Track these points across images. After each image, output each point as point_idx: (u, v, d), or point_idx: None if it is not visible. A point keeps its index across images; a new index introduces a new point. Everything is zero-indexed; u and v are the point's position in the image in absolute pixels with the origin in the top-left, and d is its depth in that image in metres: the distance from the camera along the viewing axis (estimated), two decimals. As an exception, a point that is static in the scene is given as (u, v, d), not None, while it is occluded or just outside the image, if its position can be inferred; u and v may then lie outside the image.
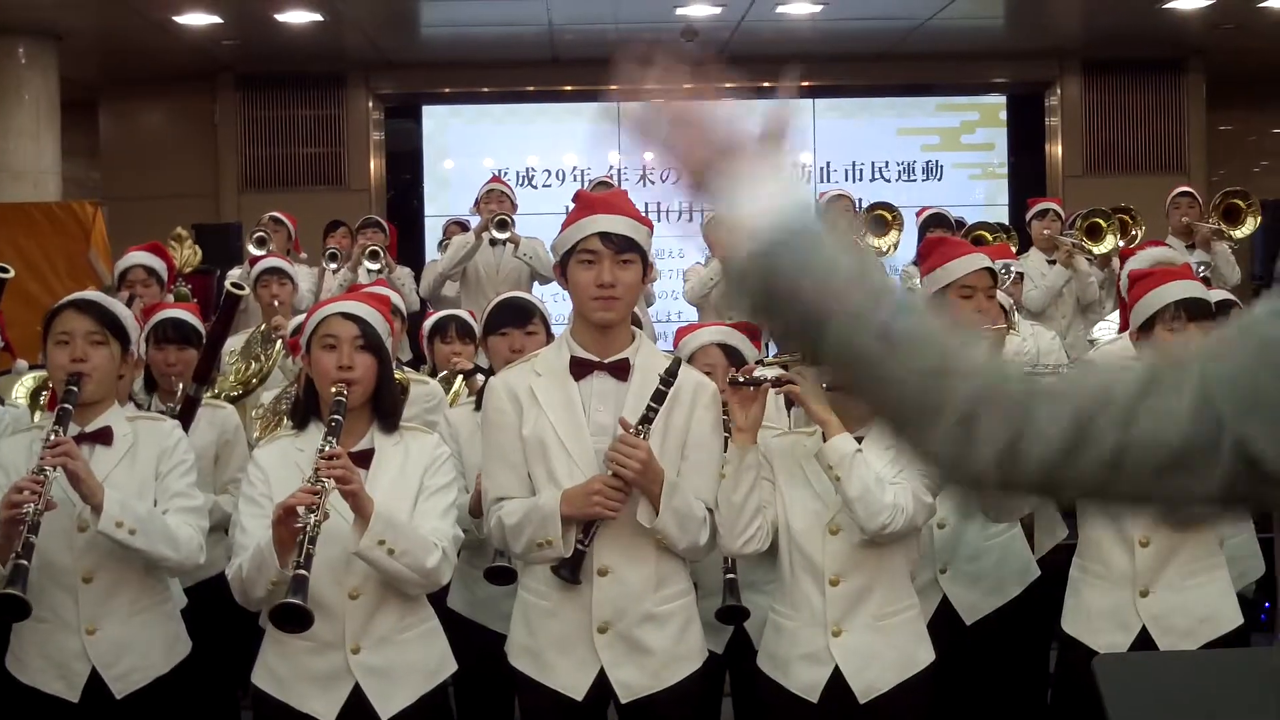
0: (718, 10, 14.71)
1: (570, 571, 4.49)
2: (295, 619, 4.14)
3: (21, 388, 6.46)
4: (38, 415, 6.06)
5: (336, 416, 4.46)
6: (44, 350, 4.98)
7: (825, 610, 4.65)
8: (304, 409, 4.74)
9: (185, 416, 5.66)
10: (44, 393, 6.31)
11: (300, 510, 4.20)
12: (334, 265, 11.97)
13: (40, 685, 4.72)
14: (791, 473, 4.74)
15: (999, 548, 5.63)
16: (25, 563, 4.33)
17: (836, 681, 4.63)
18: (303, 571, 4.14)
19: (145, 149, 17.58)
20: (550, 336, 5.90)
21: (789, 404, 5.03)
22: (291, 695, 4.55)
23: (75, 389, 4.69)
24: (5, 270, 6.75)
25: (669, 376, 4.48)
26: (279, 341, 7.15)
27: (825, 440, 4.57)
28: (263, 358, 6.88)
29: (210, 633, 5.21)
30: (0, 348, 6.88)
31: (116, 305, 4.99)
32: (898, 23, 15.44)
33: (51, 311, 4.88)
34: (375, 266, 11.40)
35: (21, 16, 14.18)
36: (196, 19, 14.49)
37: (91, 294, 5.02)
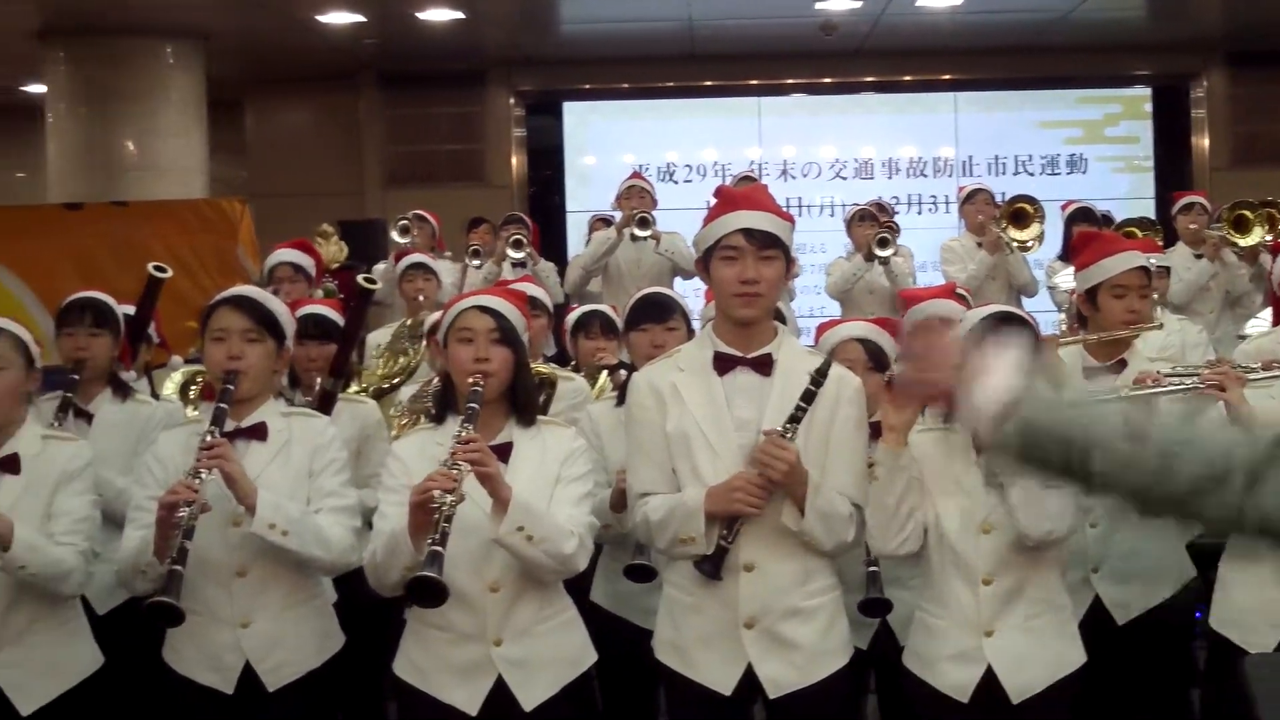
0: (857, 4, 14.62)
1: (712, 567, 4.47)
2: (430, 593, 4.17)
3: (171, 383, 6.57)
4: (189, 409, 6.16)
5: (473, 405, 4.49)
6: (200, 345, 5.06)
7: (978, 610, 4.61)
8: (441, 403, 4.78)
9: (322, 411, 5.70)
10: (193, 386, 6.42)
11: (436, 492, 4.23)
12: (476, 261, 12.04)
13: (195, 677, 4.78)
14: (939, 470, 4.68)
15: (1153, 547, 5.53)
16: (179, 568, 4.40)
17: (987, 682, 4.59)
18: (438, 548, 4.17)
19: (290, 146, 17.80)
20: (691, 332, 5.90)
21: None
22: (433, 686, 4.59)
23: (231, 387, 4.75)
24: (163, 270, 6.86)
25: (819, 377, 4.45)
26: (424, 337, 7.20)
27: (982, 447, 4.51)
28: (410, 353, 6.93)
29: (356, 623, 5.24)
30: (156, 344, 6.99)
31: (272, 301, 5.03)
32: (1039, 15, 15.27)
33: (208, 308, 4.93)
34: (519, 255, 11.39)
35: (168, 18, 14.40)
36: (339, 18, 14.66)
37: (247, 290, 5.08)
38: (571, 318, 7.07)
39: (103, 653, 5.15)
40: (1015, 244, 10.95)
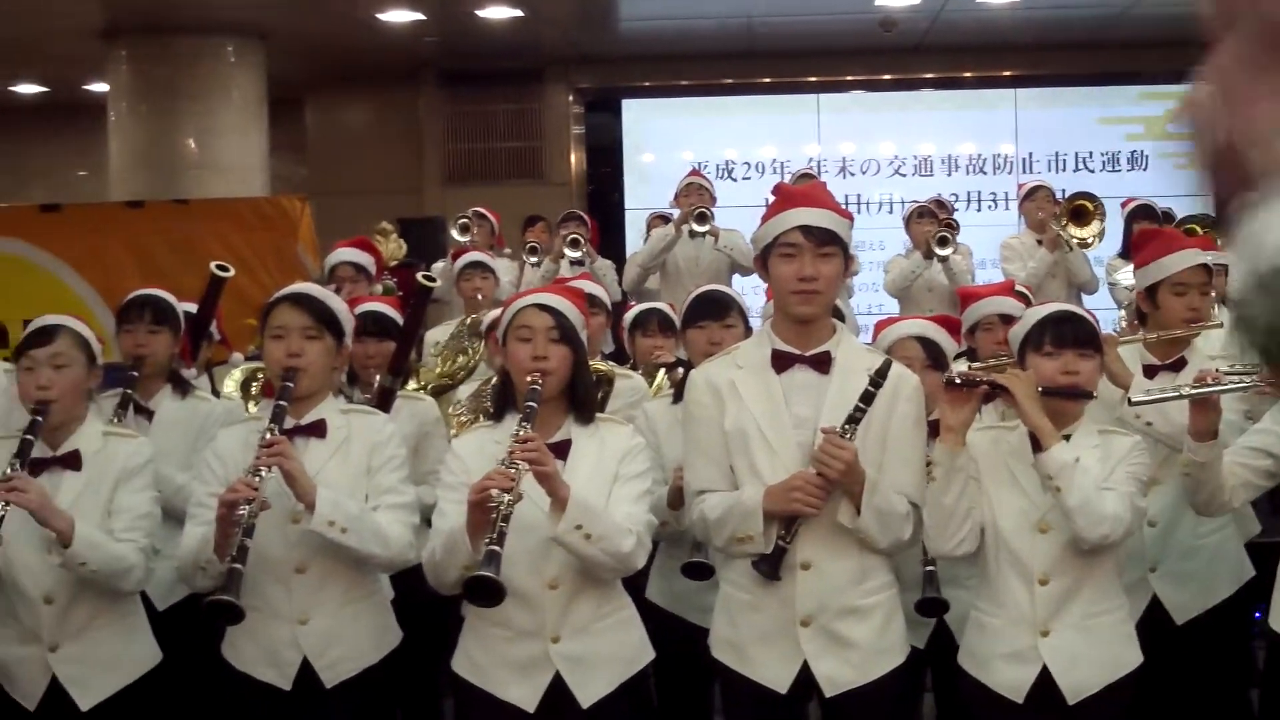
0: (917, 0, 14.58)
1: (770, 567, 4.47)
2: (487, 593, 4.18)
3: (231, 380, 6.60)
4: (250, 406, 6.19)
5: (531, 403, 4.50)
6: (260, 343, 5.08)
7: (1033, 610, 4.57)
8: (500, 400, 4.79)
9: (381, 408, 5.71)
10: (254, 384, 6.44)
11: (494, 492, 4.24)
12: (534, 259, 12.07)
13: (254, 672, 4.81)
14: (996, 469, 4.67)
15: (1212, 546, 5.51)
16: (239, 567, 4.41)
17: (1043, 681, 4.56)
18: (495, 548, 4.18)
19: (350, 144, 17.88)
20: (748, 329, 5.89)
21: (987, 397, 4.97)
22: (491, 683, 4.61)
23: (290, 384, 4.76)
24: (225, 270, 6.89)
25: (878, 378, 4.43)
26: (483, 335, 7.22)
27: (1041, 448, 4.49)
28: (469, 351, 6.94)
29: (413, 620, 5.26)
30: (217, 341, 7.03)
31: (331, 299, 5.05)
32: (1100, 10, 15.17)
33: (268, 305, 4.96)
34: (576, 254, 11.41)
35: (229, 17, 14.51)
36: (399, 16, 14.74)
37: (307, 288, 5.10)
38: (629, 315, 7.07)
39: (162, 649, 5.18)
40: (1075, 241, 10.89)
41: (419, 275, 6.72)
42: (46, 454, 4.94)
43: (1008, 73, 17.29)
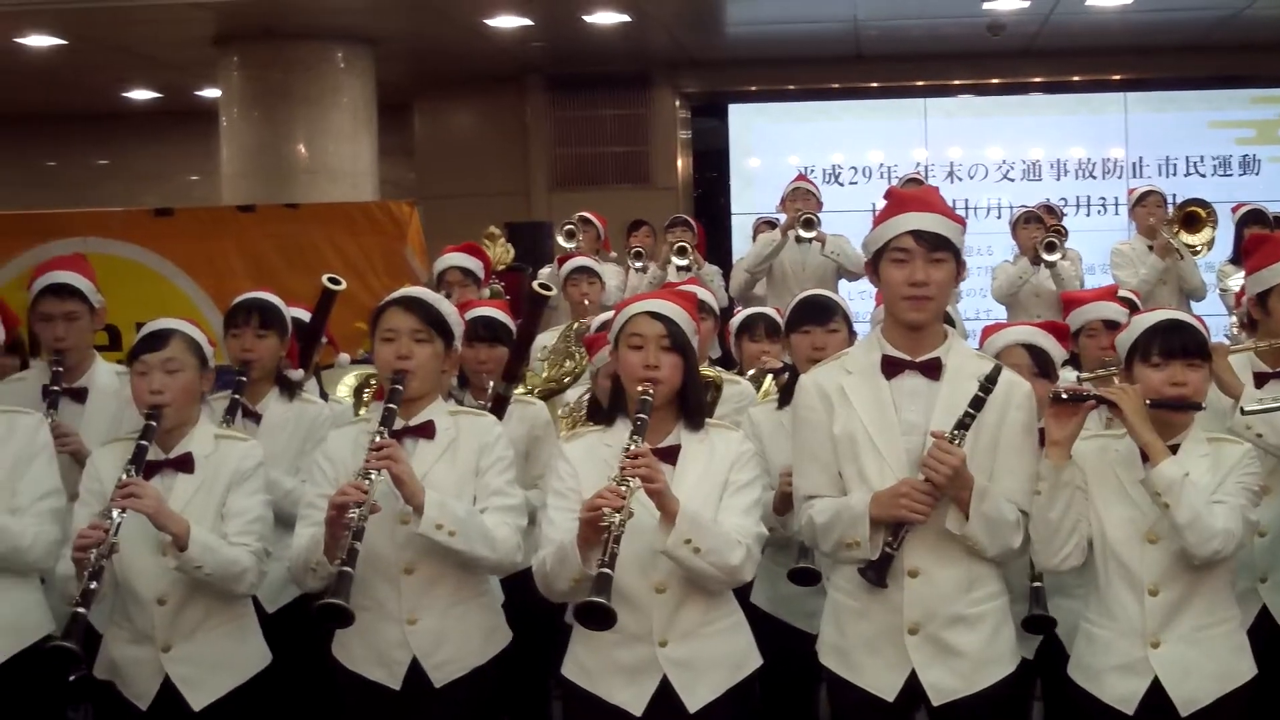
0: (1025, 4, 14.48)
1: (877, 574, 4.44)
2: (599, 617, 4.18)
3: (344, 386, 6.64)
4: (362, 411, 6.22)
5: (642, 415, 4.49)
6: (370, 346, 5.11)
7: (1143, 621, 4.50)
8: (612, 405, 4.79)
9: (495, 414, 5.71)
10: (366, 390, 6.49)
11: (605, 510, 4.25)
12: (639, 263, 12.08)
13: (364, 672, 4.84)
14: (1104, 479, 4.59)
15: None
16: (349, 570, 4.44)
17: (1154, 694, 4.48)
18: (607, 570, 4.19)
19: (458, 149, 17.98)
20: (852, 334, 5.87)
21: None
22: (599, 686, 4.61)
23: (400, 387, 4.79)
24: (337, 282, 6.94)
25: (989, 384, 4.39)
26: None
27: (1150, 463, 4.41)
28: (576, 356, 6.96)
29: (523, 626, 5.27)
30: (324, 343, 7.08)
31: (441, 303, 5.06)
32: (1211, 13, 15.01)
33: (378, 308, 4.98)
34: (683, 263, 11.44)
35: (340, 23, 14.65)
36: (506, 22, 14.79)
37: (417, 291, 5.10)
38: (736, 321, 7.07)
39: (271, 651, 5.21)
40: (1186, 249, 10.78)
41: (535, 284, 6.74)
42: (159, 457, 4.97)
43: (1117, 76, 17.14)
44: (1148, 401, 4.47)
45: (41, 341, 6.27)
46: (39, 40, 14.96)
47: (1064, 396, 4.47)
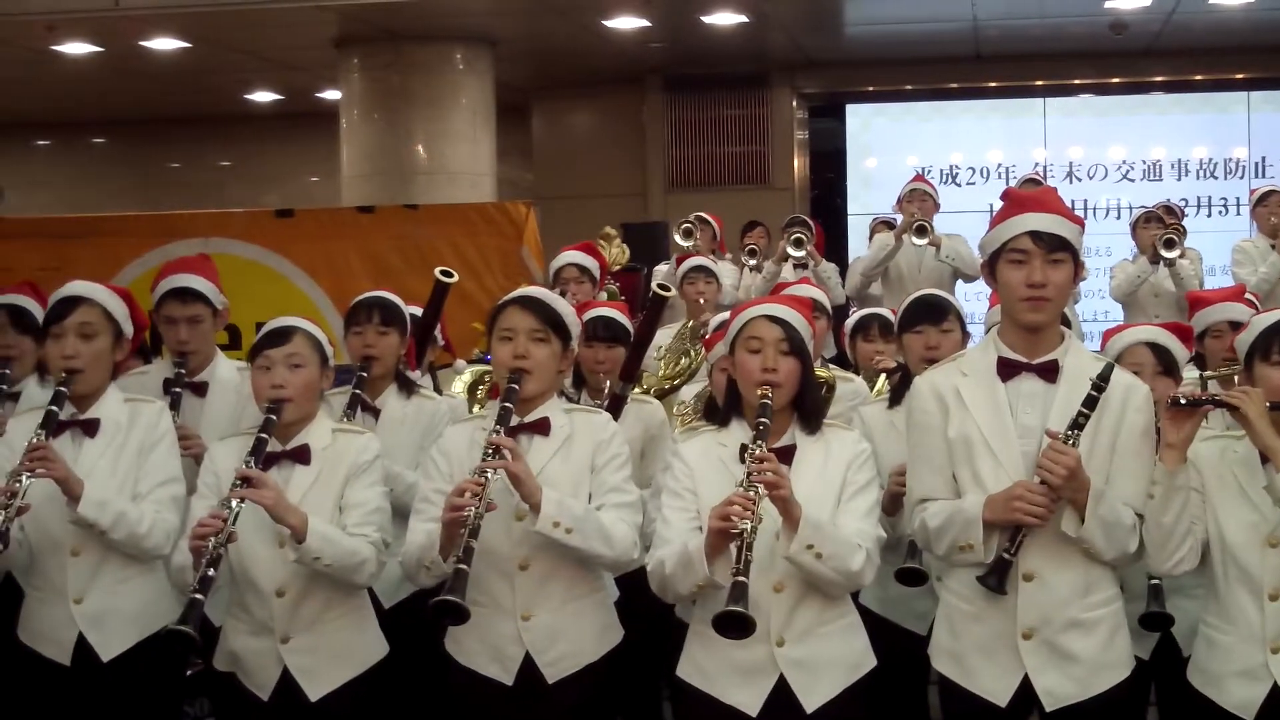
0: (1148, 2, 14.33)
1: (997, 581, 4.41)
2: (739, 626, 4.16)
3: (460, 382, 6.69)
4: (476, 409, 6.26)
5: (763, 420, 4.49)
6: (487, 346, 5.14)
7: (1264, 626, 4.41)
8: (728, 405, 4.79)
9: (612, 414, 5.72)
10: (480, 386, 6.53)
11: (734, 518, 4.24)
12: (753, 261, 12.08)
13: (477, 667, 4.87)
14: (1223, 480, 4.51)
15: None
16: (465, 568, 4.45)
17: (1274, 700, 4.39)
18: (743, 579, 4.17)
19: (575, 150, 18.06)
20: (966, 334, 5.86)
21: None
22: (715, 687, 4.60)
23: (516, 386, 4.81)
24: (449, 275, 6.98)
25: (1101, 382, 4.35)
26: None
27: (1272, 466, 4.33)
28: (692, 354, 6.97)
29: (635, 625, 5.27)
30: (440, 346, 7.13)
31: (559, 303, 5.08)
32: (1340, 10, 14.81)
33: (497, 307, 5.00)
34: (799, 254, 11.36)
35: (459, 24, 14.75)
36: (625, 23, 14.84)
37: (535, 291, 5.13)
38: (851, 320, 7.06)
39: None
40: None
41: (655, 285, 6.76)
42: (276, 449, 5.01)
43: (1241, 75, 16.93)
44: (1269, 404, 4.38)
45: (165, 343, 6.35)
46: (165, 44, 15.19)
47: (1182, 403, 4.37)
